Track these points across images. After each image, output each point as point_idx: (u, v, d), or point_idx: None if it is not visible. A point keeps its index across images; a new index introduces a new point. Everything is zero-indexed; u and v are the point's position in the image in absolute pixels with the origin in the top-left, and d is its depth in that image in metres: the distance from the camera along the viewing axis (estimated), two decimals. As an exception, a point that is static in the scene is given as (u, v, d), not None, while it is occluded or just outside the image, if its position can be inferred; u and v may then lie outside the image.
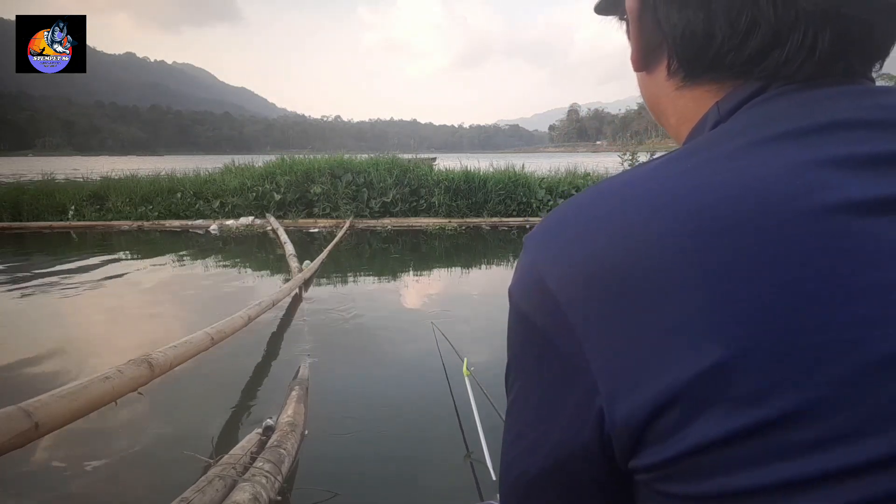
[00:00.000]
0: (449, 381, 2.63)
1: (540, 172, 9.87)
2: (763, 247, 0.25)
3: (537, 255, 0.31)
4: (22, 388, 2.71)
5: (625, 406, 0.27)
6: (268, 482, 1.63)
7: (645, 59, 0.39)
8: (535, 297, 0.31)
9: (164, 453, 2.14)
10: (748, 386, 0.24)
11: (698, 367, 0.25)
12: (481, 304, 4.53)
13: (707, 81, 0.35)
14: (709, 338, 0.25)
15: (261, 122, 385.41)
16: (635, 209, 0.28)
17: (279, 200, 9.09)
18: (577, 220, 0.31)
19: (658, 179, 0.30)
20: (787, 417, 0.24)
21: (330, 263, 5.83)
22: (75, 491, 1.94)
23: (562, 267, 0.30)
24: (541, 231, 0.32)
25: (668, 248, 0.26)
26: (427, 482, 2.00)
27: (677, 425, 0.25)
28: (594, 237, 0.29)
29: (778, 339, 0.24)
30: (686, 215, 0.27)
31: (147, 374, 1.78)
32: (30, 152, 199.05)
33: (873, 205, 0.26)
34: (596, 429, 0.28)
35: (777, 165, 0.27)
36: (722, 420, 0.24)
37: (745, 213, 0.26)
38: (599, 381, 0.28)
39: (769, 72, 0.32)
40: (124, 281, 5.38)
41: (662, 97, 0.39)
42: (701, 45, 0.33)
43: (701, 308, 0.25)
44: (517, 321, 0.33)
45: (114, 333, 3.79)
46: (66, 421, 1.38)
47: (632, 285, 0.27)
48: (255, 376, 2.95)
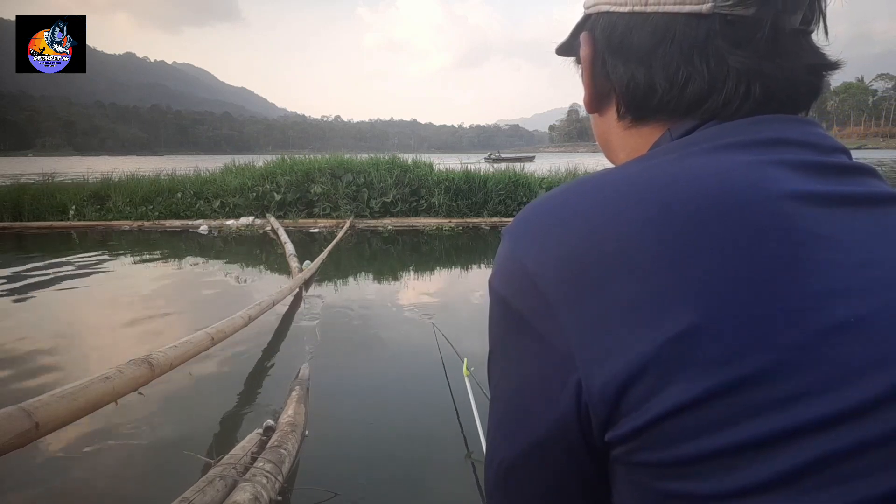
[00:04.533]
0: (449, 381, 2.63)
1: (540, 172, 9.87)
2: (725, 225, 0.28)
3: (517, 244, 0.33)
4: (22, 388, 2.71)
5: (601, 376, 0.28)
6: (268, 482, 1.63)
7: (596, 103, 0.42)
8: (515, 282, 0.32)
9: (165, 453, 2.14)
10: (716, 349, 0.26)
11: (669, 332, 0.27)
12: (481, 304, 4.53)
13: (654, 122, 0.38)
14: (679, 305, 0.27)
15: (261, 122, 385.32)
16: (609, 199, 0.31)
17: (279, 200, 9.08)
18: (553, 210, 0.33)
19: (628, 175, 0.32)
20: (751, 378, 0.26)
21: (330, 263, 5.83)
22: (75, 491, 1.94)
23: (541, 252, 0.31)
24: (520, 222, 0.34)
25: (642, 231, 0.29)
26: (427, 482, 1.99)
27: (651, 391, 0.27)
28: (570, 224, 0.31)
29: (742, 305, 0.26)
30: (656, 203, 0.29)
31: (147, 374, 1.78)
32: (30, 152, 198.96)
33: (817, 197, 0.29)
34: (573, 401, 0.30)
35: (731, 162, 0.31)
36: (692, 383, 0.26)
37: (707, 197, 0.29)
38: (577, 354, 0.29)
39: (711, 112, 0.35)
40: (124, 281, 5.38)
41: (612, 136, 0.42)
42: (644, 95, 0.37)
43: (672, 280, 0.27)
44: (498, 308, 0.34)
45: (114, 333, 3.79)
46: (67, 421, 1.38)
47: (605, 264, 0.29)
48: (255, 376, 2.95)
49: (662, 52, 0.35)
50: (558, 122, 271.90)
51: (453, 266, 6.30)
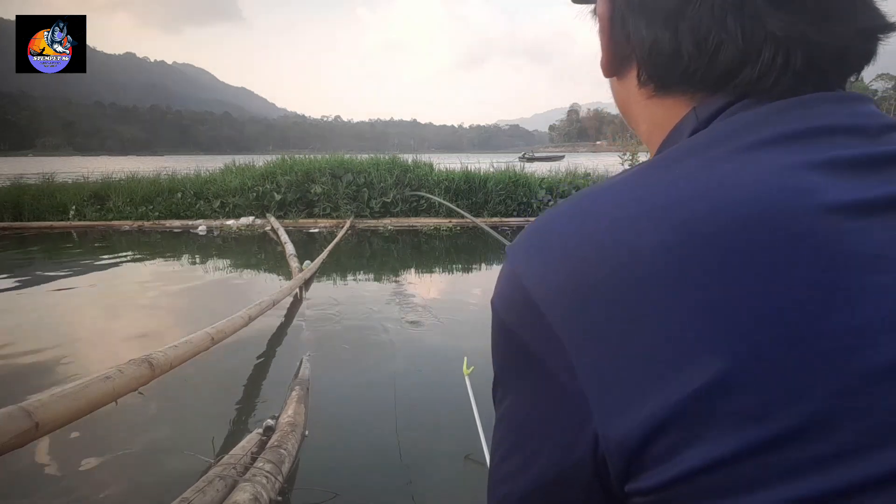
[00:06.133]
0: (449, 381, 2.63)
1: (540, 172, 9.87)
2: (756, 255, 0.24)
3: (520, 267, 0.30)
4: (22, 388, 2.71)
5: (620, 428, 0.25)
6: (268, 482, 1.63)
7: (615, 66, 0.38)
8: (519, 311, 0.29)
9: (165, 453, 2.14)
10: (748, 402, 0.23)
11: (695, 383, 0.23)
12: (481, 302, 4.53)
13: (679, 92, 0.34)
14: (706, 351, 0.23)
15: (261, 122, 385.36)
16: (623, 219, 0.27)
17: (280, 200, 9.09)
18: (561, 231, 0.29)
19: (645, 188, 0.28)
20: (788, 434, 0.22)
21: (330, 263, 5.83)
22: (75, 491, 1.94)
23: (547, 280, 0.28)
24: (523, 241, 0.31)
25: (659, 259, 0.25)
26: (427, 482, 1.99)
27: (676, 447, 0.24)
28: (580, 249, 0.28)
29: (776, 350, 0.23)
30: (675, 225, 0.26)
31: (147, 373, 1.78)
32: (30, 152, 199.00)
33: (860, 206, 0.25)
34: (589, 451, 0.27)
35: (762, 171, 0.26)
36: (722, 440, 0.23)
37: (736, 222, 0.25)
38: (592, 401, 0.26)
39: (743, 86, 0.31)
40: (124, 281, 5.38)
41: (633, 104, 0.38)
42: (668, 62, 0.32)
43: (696, 321, 0.24)
44: (503, 335, 0.31)
45: (114, 333, 3.79)
46: (67, 421, 1.38)
47: (621, 299, 0.26)
48: (255, 376, 2.95)
49: (691, 13, 0.31)
50: (558, 122, 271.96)
51: (454, 265, 6.30)
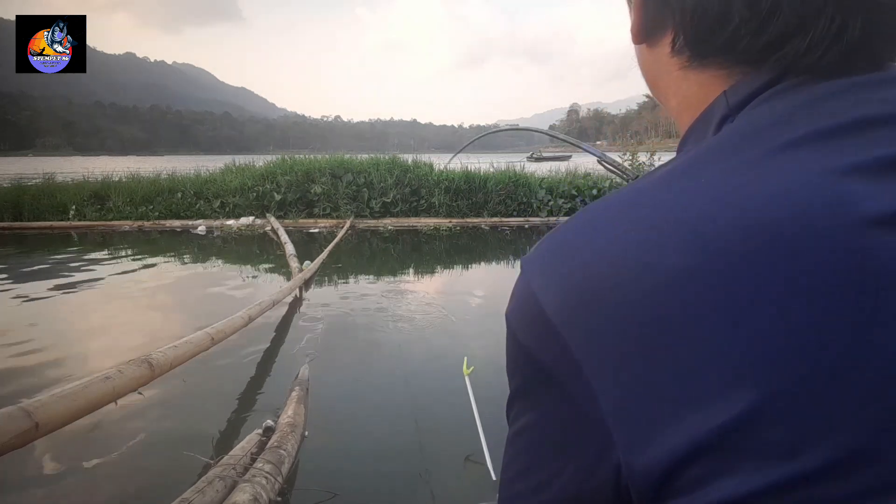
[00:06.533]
0: (449, 381, 2.63)
1: (540, 172, 9.87)
2: (788, 277, 0.22)
3: (536, 284, 0.28)
4: (22, 388, 2.71)
5: (644, 458, 0.24)
6: (268, 483, 1.63)
7: (646, 31, 0.34)
8: (535, 330, 0.28)
9: (164, 453, 2.14)
10: (780, 436, 0.21)
11: (724, 416, 0.22)
12: (481, 302, 4.53)
13: (715, 65, 0.31)
14: (735, 382, 0.22)
15: (261, 122, 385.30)
16: (648, 234, 0.25)
17: (280, 200, 9.09)
18: (580, 246, 0.27)
19: (671, 198, 0.26)
20: (823, 469, 0.21)
21: (330, 263, 5.83)
22: (75, 491, 1.94)
23: (565, 301, 0.26)
24: (539, 255, 0.29)
25: (683, 284, 0.23)
26: (427, 483, 1.99)
27: (704, 479, 0.23)
28: (599, 269, 0.26)
29: (813, 379, 0.21)
30: (701, 246, 0.23)
31: (147, 374, 1.78)
32: (30, 152, 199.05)
33: None
34: (611, 477, 0.26)
35: (795, 180, 0.24)
36: (752, 474, 0.22)
37: (766, 242, 0.23)
38: (614, 429, 0.25)
39: (787, 61, 0.28)
40: (124, 281, 5.38)
41: (663, 75, 0.35)
42: (713, 27, 0.29)
43: (726, 347, 0.22)
44: (519, 353, 0.29)
45: (113, 333, 3.79)
46: (67, 421, 1.38)
47: (646, 322, 0.24)
48: (255, 377, 2.95)
49: None
50: (558, 122, 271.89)
51: (454, 265, 6.30)
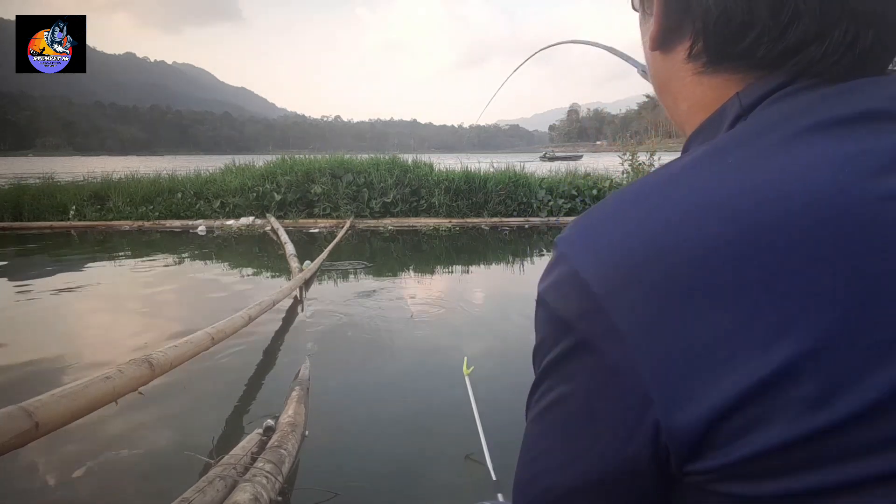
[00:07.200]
0: (449, 381, 2.63)
1: (540, 173, 9.86)
2: (823, 239, 0.24)
3: (576, 257, 0.29)
4: (22, 388, 2.71)
5: (683, 417, 0.25)
6: (268, 482, 1.63)
7: (663, 38, 0.36)
8: (574, 302, 0.28)
9: (165, 453, 2.14)
10: (819, 385, 0.23)
11: (764, 369, 0.24)
12: (481, 302, 4.53)
13: (729, 70, 0.32)
14: (775, 337, 0.24)
15: (261, 122, 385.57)
16: (686, 209, 0.27)
17: (280, 200, 9.09)
18: (621, 220, 0.29)
19: (704, 177, 0.28)
20: (858, 416, 0.23)
21: (330, 263, 5.83)
22: (75, 491, 1.94)
23: (607, 269, 0.27)
24: (579, 231, 0.30)
25: (726, 248, 0.25)
26: (427, 482, 1.99)
27: (742, 431, 0.24)
28: (642, 239, 0.27)
29: (849, 332, 0.23)
30: (740, 214, 0.26)
31: (147, 373, 1.78)
32: (30, 152, 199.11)
33: None
34: (649, 440, 0.27)
35: (819, 159, 0.26)
36: (791, 423, 0.23)
37: (802, 207, 0.25)
38: (652, 392, 0.26)
39: (801, 67, 0.30)
40: (124, 281, 5.38)
41: (675, 80, 0.36)
42: (735, 34, 0.31)
43: (765, 307, 0.24)
44: (554, 328, 0.30)
45: (114, 333, 3.79)
46: (67, 421, 1.38)
47: (687, 286, 0.25)
48: (255, 376, 2.95)
49: None
50: (558, 122, 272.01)
51: (454, 265, 6.30)
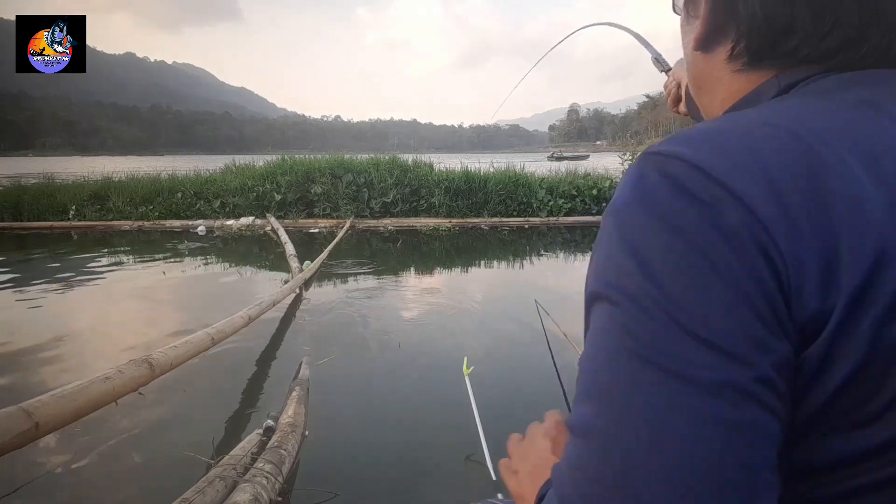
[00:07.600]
0: (449, 381, 2.63)
1: (540, 173, 9.86)
2: None
3: (707, 161, 0.27)
4: (22, 388, 2.71)
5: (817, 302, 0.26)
6: (268, 483, 1.63)
7: (707, 39, 0.38)
8: (710, 202, 0.26)
9: (165, 454, 2.14)
10: None
11: None
12: (481, 301, 4.53)
13: (768, 67, 0.34)
14: None
15: (261, 122, 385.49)
16: (797, 130, 0.28)
17: (280, 200, 9.09)
18: (737, 134, 0.29)
19: (791, 111, 0.30)
20: None
21: (330, 264, 5.83)
22: (75, 491, 1.94)
23: (744, 172, 0.27)
24: (696, 141, 0.29)
25: (847, 166, 0.27)
26: (427, 482, 1.99)
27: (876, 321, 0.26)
28: (769, 147, 0.27)
29: None
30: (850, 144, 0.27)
31: (147, 374, 1.78)
32: (30, 152, 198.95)
33: None
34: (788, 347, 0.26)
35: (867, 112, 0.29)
36: None
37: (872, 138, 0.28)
38: (793, 282, 0.26)
39: (834, 64, 0.32)
40: (124, 281, 5.38)
41: (714, 76, 0.38)
42: (778, 38, 0.33)
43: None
44: (664, 232, 0.27)
45: (114, 333, 3.79)
46: (67, 421, 1.38)
47: (827, 191, 0.26)
48: (255, 377, 2.95)
49: None
50: (558, 122, 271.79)
51: (454, 265, 6.30)
